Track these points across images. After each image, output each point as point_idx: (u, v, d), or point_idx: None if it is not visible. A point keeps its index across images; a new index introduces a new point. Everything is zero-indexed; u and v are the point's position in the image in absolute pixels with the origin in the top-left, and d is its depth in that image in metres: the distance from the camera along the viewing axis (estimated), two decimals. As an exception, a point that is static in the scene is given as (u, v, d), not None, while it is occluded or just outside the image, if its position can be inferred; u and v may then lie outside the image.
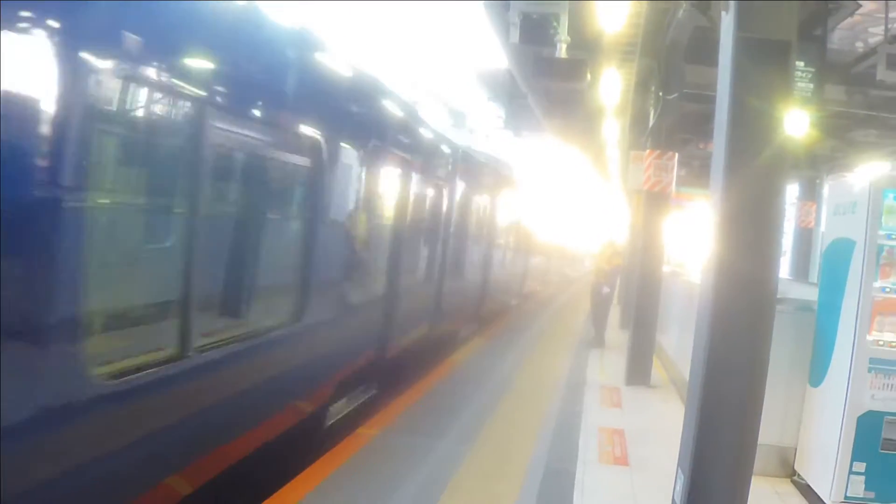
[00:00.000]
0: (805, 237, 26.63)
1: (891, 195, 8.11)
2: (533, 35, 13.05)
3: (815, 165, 25.29)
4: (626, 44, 13.97)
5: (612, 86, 15.20)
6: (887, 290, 8.10)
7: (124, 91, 5.33)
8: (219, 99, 6.40)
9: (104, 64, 4.88)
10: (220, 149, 6.72)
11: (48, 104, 4.46)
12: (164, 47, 5.64)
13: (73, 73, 4.62)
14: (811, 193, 26.43)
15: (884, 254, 8.09)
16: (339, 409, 10.91)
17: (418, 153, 12.81)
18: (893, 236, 8.09)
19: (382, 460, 9.39)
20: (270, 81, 7.54)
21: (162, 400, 6.05)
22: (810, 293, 10.44)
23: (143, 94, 5.65)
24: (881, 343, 8.08)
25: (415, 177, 12.23)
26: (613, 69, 14.60)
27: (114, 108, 5.24)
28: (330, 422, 10.57)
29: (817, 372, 8.85)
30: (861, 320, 8.05)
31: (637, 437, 11.19)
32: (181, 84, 5.86)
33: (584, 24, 12.49)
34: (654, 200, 15.57)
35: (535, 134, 33.61)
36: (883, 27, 12.60)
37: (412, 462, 9.42)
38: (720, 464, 6.37)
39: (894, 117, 16.86)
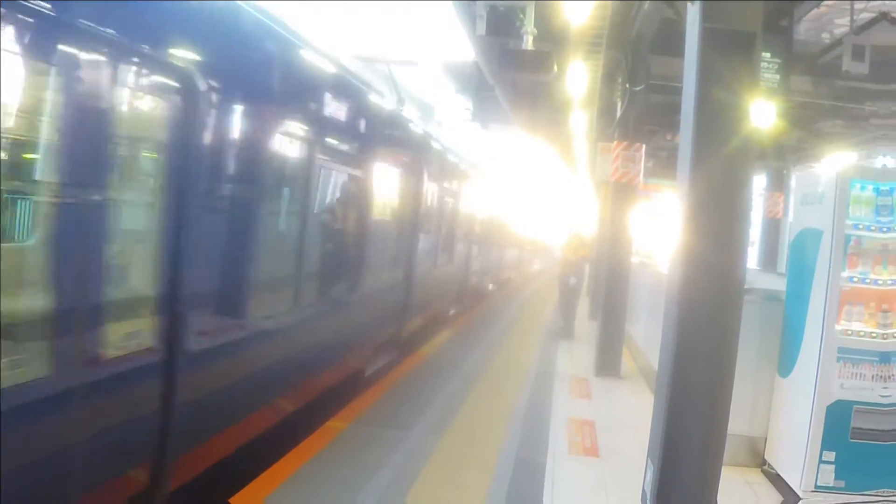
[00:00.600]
0: (773, 227, 26.72)
1: (858, 185, 8.16)
2: (499, 27, 13.06)
3: (783, 156, 25.43)
4: (593, 36, 13.98)
5: (578, 77, 15.22)
6: (855, 279, 8.15)
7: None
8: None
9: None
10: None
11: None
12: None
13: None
14: (779, 184, 26.51)
15: (851, 243, 8.13)
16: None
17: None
18: (860, 226, 8.13)
19: (352, 452, 9.38)
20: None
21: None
22: (778, 283, 10.49)
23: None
24: (849, 332, 8.13)
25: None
26: (580, 61, 14.61)
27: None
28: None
29: (786, 362, 8.89)
30: (829, 310, 8.08)
31: (607, 428, 11.23)
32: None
33: (551, 17, 12.51)
34: (621, 191, 15.61)
35: (502, 126, 33.60)
36: (849, 18, 12.66)
37: (382, 454, 9.41)
38: (690, 454, 6.39)
39: (860, 108, 16.99)
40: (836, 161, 21.98)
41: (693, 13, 6.45)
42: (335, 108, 10.55)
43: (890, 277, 8.18)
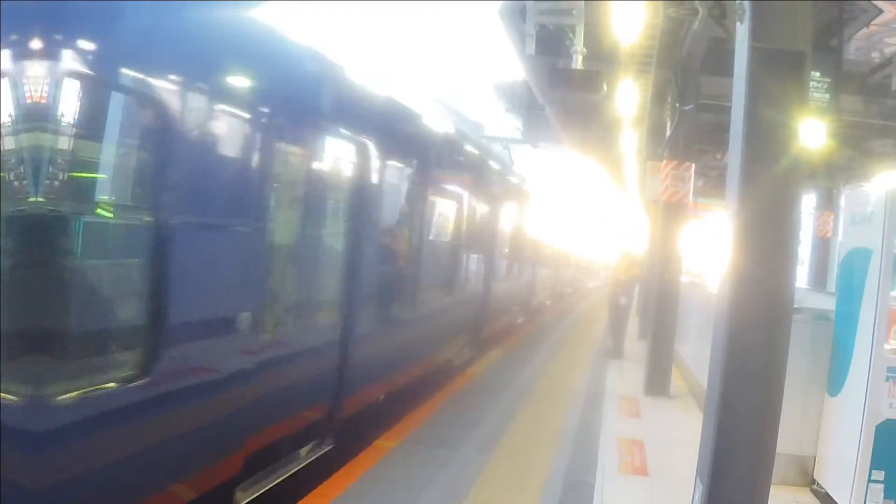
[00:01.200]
0: (822, 246, 26.55)
1: (908, 205, 8.12)
2: (549, 46, 13.13)
3: (832, 175, 25.23)
4: (643, 55, 14.00)
5: (628, 97, 15.24)
6: (904, 299, 8.12)
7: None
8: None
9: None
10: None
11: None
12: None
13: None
14: (828, 203, 26.33)
15: (901, 263, 8.09)
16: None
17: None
18: (911, 245, 8.09)
19: (401, 471, 9.41)
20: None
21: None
22: (828, 302, 10.43)
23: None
24: (899, 352, 8.09)
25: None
26: (630, 80, 14.63)
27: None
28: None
29: (835, 381, 8.85)
30: (878, 329, 8.03)
31: (656, 447, 11.18)
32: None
33: (600, 36, 12.55)
34: (671, 211, 15.59)
35: (552, 145, 33.64)
36: (897, 37, 12.62)
37: (431, 473, 9.43)
38: (738, 473, 6.38)
39: (912, 128, 16.87)
40: (885, 180, 21.79)
41: (742, 32, 6.46)
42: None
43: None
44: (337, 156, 8.92)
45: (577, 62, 12.16)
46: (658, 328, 15.54)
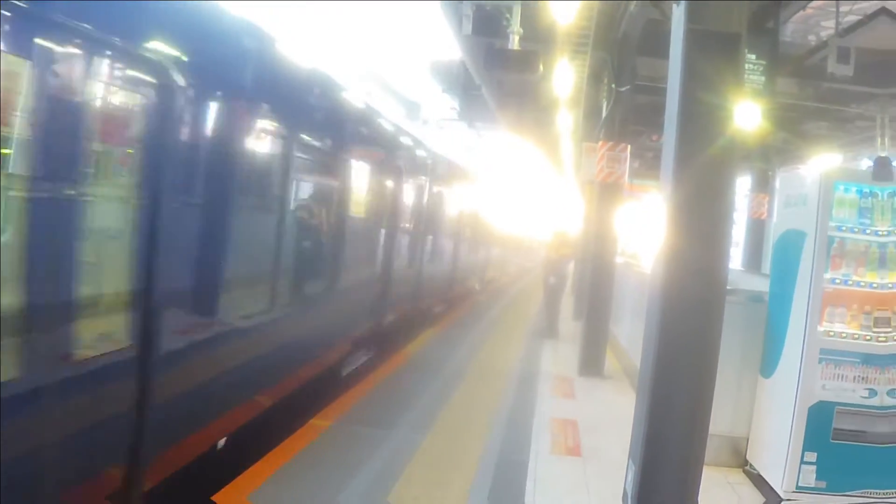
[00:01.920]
0: (757, 228, 26.77)
1: (841, 187, 8.19)
2: (486, 27, 13.08)
3: (767, 157, 25.45)
4: (579, 36, 14.01)
5: (564, 77, 15.24)
6: (837, 281, 8.17)
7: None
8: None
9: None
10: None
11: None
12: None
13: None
14: (763, 185, 26.52)
15: (834, 245, 8.16)
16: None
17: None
18: (844, 228, 8.16)
19: (336, 451, 9.38)
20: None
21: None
22: (762, 284, 10.50)
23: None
24: (832, 334, 8.15)
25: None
26: (566, 61, 14.63)
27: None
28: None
29: (769, 362, 8.92)
30: (812, 311, 8.11)
31: (590, 428, 11.24)
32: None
33: (537, 17, 12.52)
34: (607, 191, 15.65)
35: (488, 125, 33.65)
36: (833, 21, 12.71)
37: (365, 452, 9.42)
38: (671, 454, 6.39)
39: (845, 110, 17.04)
40: (819, 163, 22.04)
41: (678, 14, 6.45)
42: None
43: (872, 280, 8.21)
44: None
45: (514, 42, 12.14)
46: (592, 309, 15.62)
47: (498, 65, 12.10)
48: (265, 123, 8.79)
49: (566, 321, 21.95)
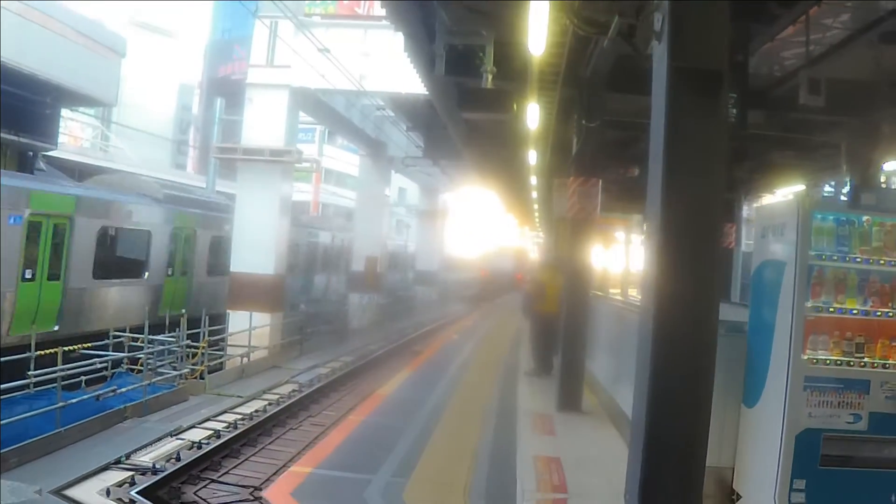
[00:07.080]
0: (725, 257, 26.90)
1: (819, 216, 8.30)
2: (458, 66, 13.10)
3: (734, 187, 25.61)
4: (549, 73, 14.05)
5: (534, 115, 15.30)
6: (819, 308, 8.26)
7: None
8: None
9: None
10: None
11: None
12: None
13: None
14: (729, 215, 26.72)
15: (814, 273, 8.25)
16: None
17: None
18: (823, 256, 8.26)
19: (319, 498, 9.34)
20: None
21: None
22: (733, 313, 10.56)
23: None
24: (815, 361, 8.22)
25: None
26: (535, 99, 14.68)
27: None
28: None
29: (752, 392, 8.95)
30: (795, 339, 8.16)
31: (574, 465, 11.22)
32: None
33: (508, 55, 12.57)
34: (579, 228, 15.65)
35: (452, 162, 33.75)
36: (796, 51, 12.85)
37: (349, 499, 9.38)
38: (668, 493, 6.42)
39: (811, 138, 17.20)
40: (790, 193, 22.21)
41: (660, 51, 6.52)
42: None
43: (852, 306, 8.31)
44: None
45: (487, 81, 12.17)
46: (568, 344, 15.55)
47: (471, 105, 12.16)
48: None
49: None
